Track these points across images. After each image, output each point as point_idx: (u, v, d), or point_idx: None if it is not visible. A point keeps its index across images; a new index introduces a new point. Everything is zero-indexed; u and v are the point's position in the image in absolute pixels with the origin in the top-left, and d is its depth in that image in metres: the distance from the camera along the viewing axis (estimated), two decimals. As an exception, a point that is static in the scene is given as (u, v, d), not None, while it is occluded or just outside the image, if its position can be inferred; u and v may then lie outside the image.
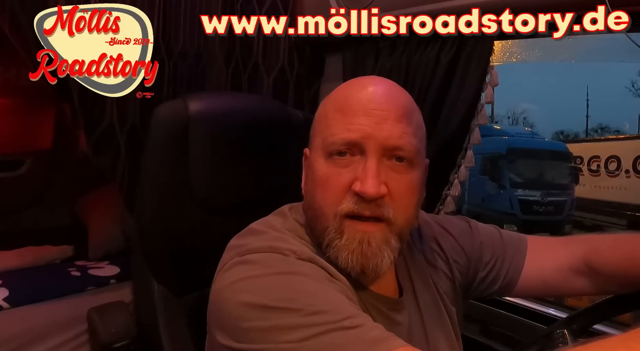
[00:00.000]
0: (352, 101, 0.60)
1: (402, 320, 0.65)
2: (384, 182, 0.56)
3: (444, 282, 0.73)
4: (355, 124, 0.57)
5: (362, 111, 0.58)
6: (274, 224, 0.63)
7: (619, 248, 0.70)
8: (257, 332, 0.48)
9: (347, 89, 0.63)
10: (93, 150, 1.07)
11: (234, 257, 0.57)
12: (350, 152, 0.58)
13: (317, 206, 0.60)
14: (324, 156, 0.59)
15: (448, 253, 0.75)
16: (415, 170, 0.60)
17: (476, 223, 0.80)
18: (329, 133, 0.59)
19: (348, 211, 0.57)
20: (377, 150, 0.57)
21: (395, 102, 0.60)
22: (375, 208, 0.56)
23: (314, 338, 0.45)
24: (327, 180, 0.58)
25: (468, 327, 1.18)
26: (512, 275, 0.75)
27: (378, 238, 0.57)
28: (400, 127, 0.58)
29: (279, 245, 0.57)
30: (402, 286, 0.69)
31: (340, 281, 0.56)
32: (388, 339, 0.46)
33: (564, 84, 47.76)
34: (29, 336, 1.13)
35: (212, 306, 0.56)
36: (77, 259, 1.50)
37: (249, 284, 0.52)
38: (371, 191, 0.55)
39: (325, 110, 0.63)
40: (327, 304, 0.49)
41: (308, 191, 0.63)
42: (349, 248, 0.57)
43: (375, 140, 0.56)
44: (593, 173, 8.69)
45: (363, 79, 0.66)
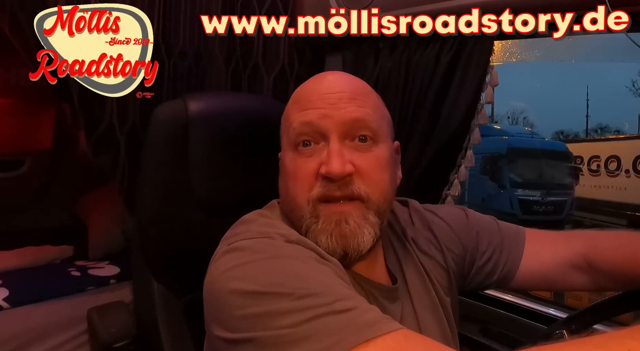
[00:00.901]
0: (307, 90, 0.63)
1: (394, 310, 0.64)
2: (349, 161, 0.58)
3: (437, 272, 0.72)
4: (310, 108, 0.60)
5: (316, 96, 0.61)
6: (264, 213, 0.65)
7: (620, 246, 0.70)
8: (250, 319, 0.47)
9: (304, 84, 0.66)
10: (93, 150, 1.07)
11: (224, 247, 0.57)
12: (313, 140, 0.60)
13: (291, 198, 0.61)
14: (291, 150, 0.62)
15: (442, 242, 0.74)
16: (380, 147, 0.61)
17: (473, 213, 0.80)
18: (289, 124, 0.62)
19: (319, 195, 0.58)
20: (337, 130, 0.59)
21: (349, 85, 0.63)
22: (345, 187, 0.58)
23: (307, 323, 0.45)
24: (296, 171, 0.60)
25: (467, 327, 1.18)
26: (510, 266, 0.75)
27: (355, 215, 0.58)
28: (355, 102, 0.60)
29: (267, 229, 0.58)
30: (394, 276, 0.68)
31: (330, 262, 0.56)
32: (382, 322, 0.45)
33: (564, 83, 47.76)
34: (29, 336, 1.13)
35: (206, 299, 0.55)
36: (77, 259, 1.50)
37: (238, 271, 0.51)
38: (336, 169, 0.56)
39: (286, 109, 0.66)
40: (318, 286, 0.48)
41: (282, 187, 0.65)
42: (326, 231, 0.58)
43: (332, 118, 0.59)
44: (593, 173, 8.68)
45: (320, 73, 0.68)
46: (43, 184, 1.92)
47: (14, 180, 1.83)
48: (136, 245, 0.95)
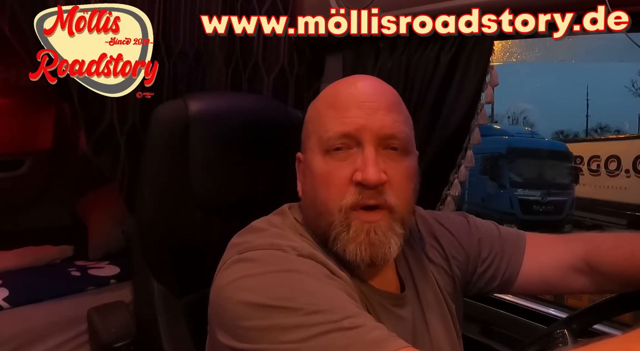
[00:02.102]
0: (342, 96, 0.62)
1: (406, 316, 0.65)
2: (383, 170, 0.58)
3: (443, 279, 0.73)
4: (348, 117, 0.59)
5: (354, 104, 0.60)
6: (275, 222, 0.64)
7: (619, 247, 0.69)
8: (257, 331, 0.48)
9: (336, 87, 0.65)
10: (93, 150, 1.07)
11: (234, 255, 0.57)
12: (346, 146, 0.59)
13: (320, 202, 0.60)
14: (321, 153, 0.61)
15: (447, 249, 0.75)
16: (409, 158, 0.62)
17: (474, 219, 0.80)
18: (324, 129, 0.60)
19: (353, 203, 0.58)
20: (373, 140, 0.58)
21: (384, 94, 0.62)
22: (378, 196, 0.58)
23: (313, 339, 0.45)
24: (328, 176, 0.59)
25: (468, 327, 1.18)
26: (510, 271, 0.75)
27: (383, 226, 0.58)
28: (391, 116, 0.60)
29: (279, 241, 0.57)
30: (404, 281, 0.69)
31: (341, 278, 0.56)
32: (388, 340, 0.45)
33: (564, 83, 47.76)
34: (29, 336, 1.13)
35: (213, 305, 0.56)
36: (77, 259, 1.50)
37: (248, 282, 0.52)
38: (374, 178, 0.56)
39: (317, 110, 0.64)
40: (327, 303, 0.49)
41: (308, 191, 0.64)
42: (357, 240, 0.58)
43: (370, 130, 0.58)
44: (593, 173, 8.69)
45: (351, 77, 0.68)
46: (43, 184, 1.92)
47: (14, 180, 1.82)
48: (136, 245, 0.95)
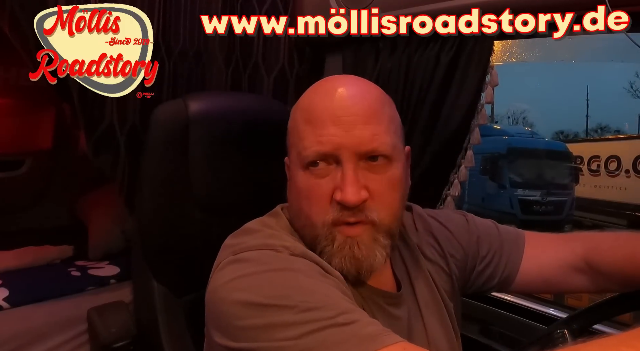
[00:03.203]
0: (318, 110, 0.59)
1: (401, 315, 0.65)
2: (363, 187, 0.57)
3: (441, 277, 0.73)
4: (325, 136, 0.57)
5: (329, 120, 0.58)
6: (268, 223, 0.64)
7: (619, 247, 0.69)
8: (253, 330, 0.48)
9: (312, 97, 0.62)
10: (93, 150, 1.07)
11: (228, 256, 0.57)
12: (326, 162, 0.58)
13: (304, 216, 0.60)
14: (301, 168, 0.60)
15: (445, 247, 0.75)
16: (393, 165, 0.60)
17: (473, 217, 0.80)
18: (302, 146, 0.59)
19: (334, 219, 0.58)
20: (351, 157, 0.57)
21: (361, 103, 0.59)
22: (359, 213, 0.57)
23: (309, 336, 0.45)
24: (309, 192, 0.59)
25: (468, 327, 1.18)
26: (510, 270, 0.75)
27: (366, 239, 0.58)
28: (369, 128, 0.58)
29: (272, 242, 0.58)
30: (400, 280, 0.69)
31: (334, 276, 0.57)
32: (383, 335, 0.46)
33: (564, 84, 47.74)
34: (29, 336, 1.13)
35: (208, 306, 0.56)
36: (77, 259, 1.50)
37: (243, 282, 0.52)
38: (352, 199, 0.56)
39: (296, 122, 0.63)
40: (321, 300, 0.49)
41: (293, 200, 0.64)
42: (340, 253, 0.58)
43: (347, 148, 0.57)
44: (593, 173, 8.68)
45: (327, 82, 0.64)
46: (43, 184, 1.92)
47: (14, 180, 1.82)
48: (136, 245, 0.95)
